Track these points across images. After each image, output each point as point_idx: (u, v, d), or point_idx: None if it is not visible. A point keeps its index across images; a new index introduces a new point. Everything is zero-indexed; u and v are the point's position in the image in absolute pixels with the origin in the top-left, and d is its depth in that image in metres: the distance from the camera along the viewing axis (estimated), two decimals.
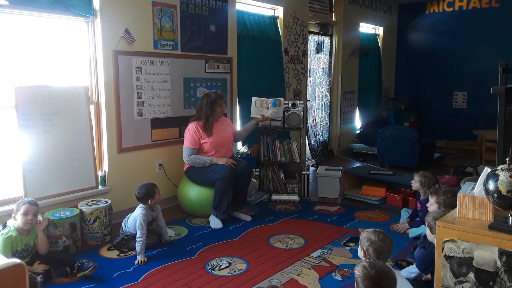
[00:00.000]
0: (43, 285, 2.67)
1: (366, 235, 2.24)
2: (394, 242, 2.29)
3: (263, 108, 4.57)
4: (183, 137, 4.10)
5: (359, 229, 3.51)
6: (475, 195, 1.82)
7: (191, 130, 4.00)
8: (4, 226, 2.92)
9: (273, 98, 4.61)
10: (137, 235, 3.19)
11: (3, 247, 2.72)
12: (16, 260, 0.96)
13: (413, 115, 8.35)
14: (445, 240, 1.75)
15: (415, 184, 3.64)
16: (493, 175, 1.64)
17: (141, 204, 3.32)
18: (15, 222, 2.83)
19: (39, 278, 2.53)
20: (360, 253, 2.25)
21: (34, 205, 2.86)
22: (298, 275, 2.92)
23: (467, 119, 7.61)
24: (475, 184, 1.91)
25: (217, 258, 3.18)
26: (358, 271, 1.85)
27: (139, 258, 3.11)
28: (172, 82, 4.36)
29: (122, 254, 3.27)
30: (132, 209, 3.72)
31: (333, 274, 2.93)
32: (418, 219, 3.59)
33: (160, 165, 4.34)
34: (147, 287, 2.75)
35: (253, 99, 4.61)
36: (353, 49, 7.37)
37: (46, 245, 2.95)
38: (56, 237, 3.18)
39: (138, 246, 3.15)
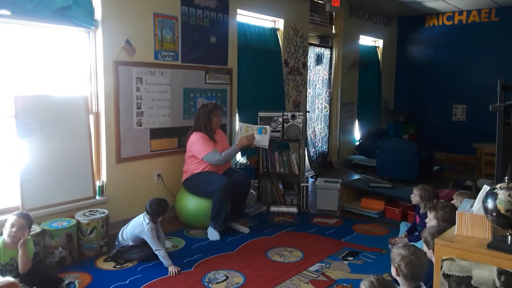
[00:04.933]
0: None
1: (396, 250, 2.11)
2: None
3: (248, 134, 4.32)
4: (185, 147, 4.07)
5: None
6: (474, 213, 1.81)
7: (200, 138, 3.95)
8: None
9: (259, 126, 4.46)
10: (154, 249, 3.18)
11: None
12: (10, 279, 0.95)
13: (413, 128, 8.35)
14: (443, 258, 1.74)
15: (415, 198, 3.61)
16: (492, 194, 1.63)
17: (145, 216, 3.27)
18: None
19: None
20: (393, 272, 2.08)
21: (23, 218, 2.68)
22: None
23: (467, 132, 7.60)
24: (474, 202, 1.90)
25: (214, 271, 3.16)
26: (364, 286, 1.81)
27: (171, 269, 3.09)
28: (172, 92, 4.37)
29: (119, 266, 3.24)
30: (129, 220, 3.70)
31: None
32: (417, 233, 3.57)
33: (158, 175, 4.33)
34: None
35: (239, 124, 4.53)
36: (353, 61, 7.40)
37: (26, 263, 2.67)
38: (52, 247, 3.16)
39: (161, 258, 3.15)
